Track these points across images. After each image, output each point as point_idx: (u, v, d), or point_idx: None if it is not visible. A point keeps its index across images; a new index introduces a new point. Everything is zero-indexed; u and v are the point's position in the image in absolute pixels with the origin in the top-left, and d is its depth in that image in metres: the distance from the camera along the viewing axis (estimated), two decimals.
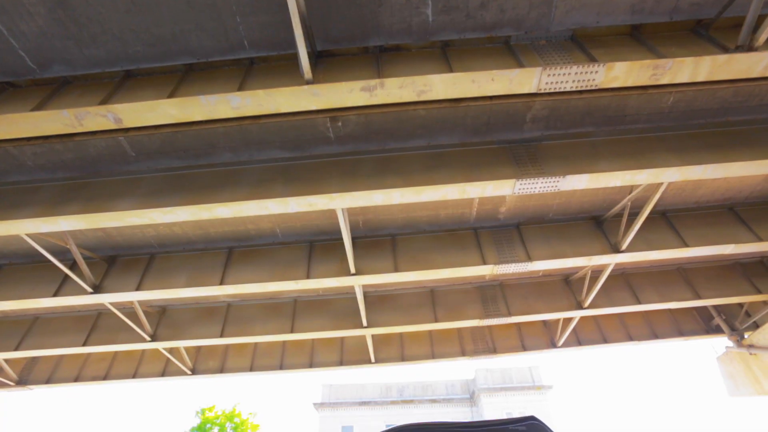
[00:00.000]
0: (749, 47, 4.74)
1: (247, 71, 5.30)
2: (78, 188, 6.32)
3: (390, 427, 3.74)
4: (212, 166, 6.48)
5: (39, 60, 5.22)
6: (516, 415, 26.03)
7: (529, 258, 7.96)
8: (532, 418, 3.70)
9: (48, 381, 12.17)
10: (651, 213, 7.65)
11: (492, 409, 26.53)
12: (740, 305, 11.08)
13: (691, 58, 4.74)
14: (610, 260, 7.97)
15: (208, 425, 51.95)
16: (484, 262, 8.02)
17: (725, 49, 4.88)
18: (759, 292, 9.44)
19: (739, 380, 11.24)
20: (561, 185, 5.97)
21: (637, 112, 6.25)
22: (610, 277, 9.34)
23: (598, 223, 8.29)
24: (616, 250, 7.82)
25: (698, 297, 9.59)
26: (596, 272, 9.14)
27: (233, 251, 8.67)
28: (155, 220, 6.04)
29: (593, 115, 6.27)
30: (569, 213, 8.33)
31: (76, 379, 12.10)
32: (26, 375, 12.39)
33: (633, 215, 7.59)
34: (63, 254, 7.91)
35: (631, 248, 7.79)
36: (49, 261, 7.62)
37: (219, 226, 8.16)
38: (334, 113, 5.83)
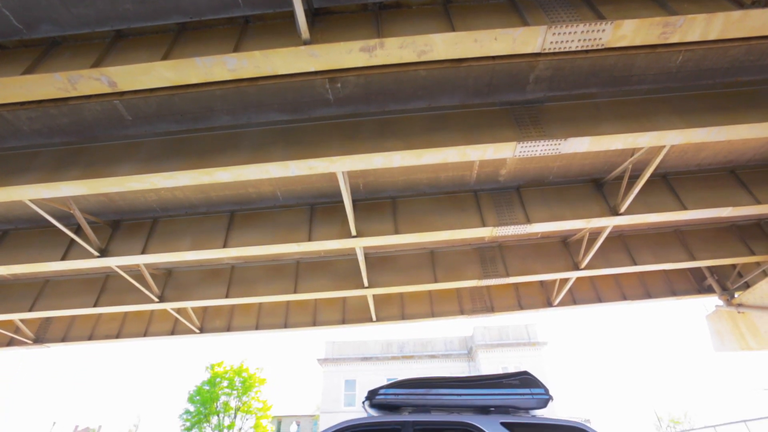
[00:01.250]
0: (766, 2, 4.54)
1: (242, 31, 5.12)
2: (76, 153, 6.29)
3: (391, 381, 3.96)
4: (211, 130, 6.40)
5: (25, 19, 5.03)
6: (511, 369, 27.22)
7: (529, 220, 8.03)
8: (525, 372, 3.91)
9: (63, 339, 12.69)
10: (651, 176, 7.59)
11: (488, 364, 27.71)
12: (733, 266, 11.29)
13: (703, 14, 4.55)
14: (608, 223, 8.05)
15: (218, 379, 54.65)
16: (484, 225, 8.11)
17: (740, 5, 4.67)
18: (753, 253, 9.59)
19: (726, 337, 11.67)
20: (562, 148, 5.92)
21: (644, 72, 6.08)
22: (607, 239, 9.44)
23: (598, 186, 8.30)
24: (615, 212, 7.87)
25: (693, 258, 9.76)
26: (594, 234, 9.24)
27: (235, 214, 8.75)
28: (156, 185, 6.06)
29: (598, 75, 6.11)
30: (570, 176, 8.31)
31: (90, 338, 12.61)
32: (42, 334, 12.89)
33: (633, 178, 7.56)
34: (67, 219, 7.98)
35: (629, 211, 7.83)
36: (54, 226, 7.69)
37: (220, 190, 8.19)
38: (333, 74, 5.69)
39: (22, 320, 12.18)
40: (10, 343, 12.78)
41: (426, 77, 6.02)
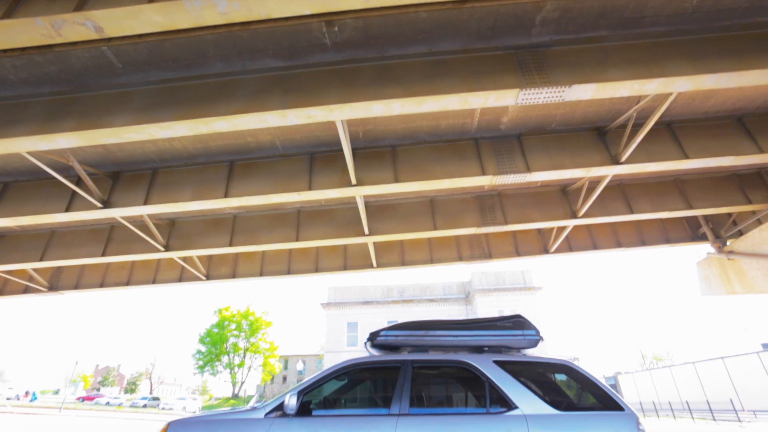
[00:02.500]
0: None
1: None
2: (69, 103, 6.14)
3: (391, 324, 4.19)
4: (205, 78, 6.20)
5: None
6: (507, 313, 28.46)
7: (528, 169, 8.02)
8: (518, 316, 4.14)
9: (76, 287, 13.16)
10: (656, 124, 7.48)
11: (485, 308, 28.92)
12: (729, 215, 11.41)
13: None
14: (608, 172, 8.03)
15: (226, 322, 57.21)
16: (484, 173, 8.10)
17: None
18: (750, 202, 9.66)
19: (714, 282, 12.09)
20: (566, 95, 5.77)
21: (657, 13, 5.77)
22: (606, 187, 9.48)
23: (600, 134, 8.18)
24: (616, 161, 7.84)
25: (690, 207, 9.85)
26: (593, 183, 9.26)
27: (234, 164, 8.72)
28: (153, 135, 5.99)
29: (608, 16, 5.81)
30: (572, 123, 8.17)
31: (101, 285, 13.07)
32: (55, 282, 13.34)
33: (637, 126, 7.44)
34: (66, 171, 7.98)
35: (630, 160, 7.80)
36: (55, 178, 7.70)
37: (218, 140, 8.09)
38: (329, 17, 5.42)
39: (34, 269, 12.57)
40: (26, 290, 13.28)
41: (427, 19, 5.73)
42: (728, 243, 11.36)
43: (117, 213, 8.49)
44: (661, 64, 5.64)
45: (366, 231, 10.03)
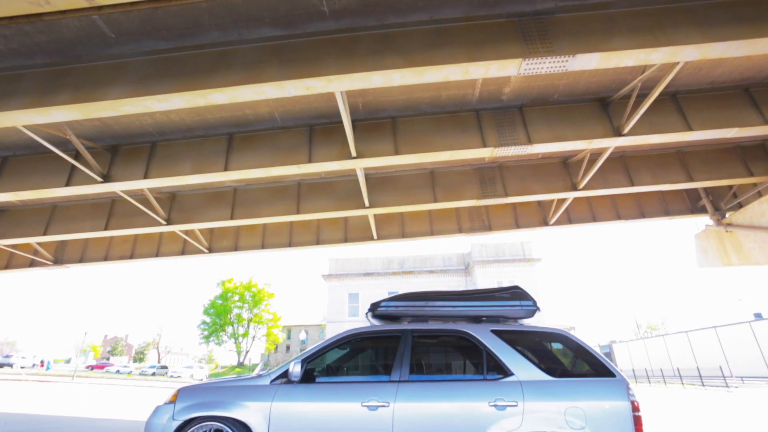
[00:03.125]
0: None
1: None
2: (62, 75, 6.02)
3: (392, 294, 4.29)
4: (200, 48, 6.05)
5: None
6: (506, 284, 28.89)
7: (530, 141, 7.95)
8: (516, 287, 4.22)
9: (81, 260, 13.33)
10: (660, 94, 7.32)
11: (484, 279, 29.34)
12: (729, 187, 11.38)
13: None
14: (610, 144, 7.97)
15: (229, 294, 58.21)
16: (485, 145, 8.04)
17: None
18: (751, 174, 9.61)
19: (710, 254, 12.21)
20: (570, 65, 5.65)
21: None
22: (607, 159, 9.41)
23: (603, 105, 8.06)
24: (618, 133, 7.75)
25: (691, 180, 9.81)
26: (595, 155, 9.19)
27: (233, 137, 8.64)
28: (150, 108, 5.91)
29: None
30: (575, 94, 8.03)
31: (106, 259, 13.23)
32: (60, 256, 13.50)
33: (641, 97, 7.30)
34: (64, 145, 7.90)
35: (633, 132, 7.71)
36: (53, 152, 7.65)
37: (216, 112, 7.99)
38: None
39: (38, 244, 12.68)
40: (32, 264, 13.45)
41: None
42: (727, 215, 11.40)
43: (117, 187, 8.48)
44: (668, 32, 5.49)
45: (366, 203, 10.06)
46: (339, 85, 5.83)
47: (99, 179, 8.17)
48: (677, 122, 7.83)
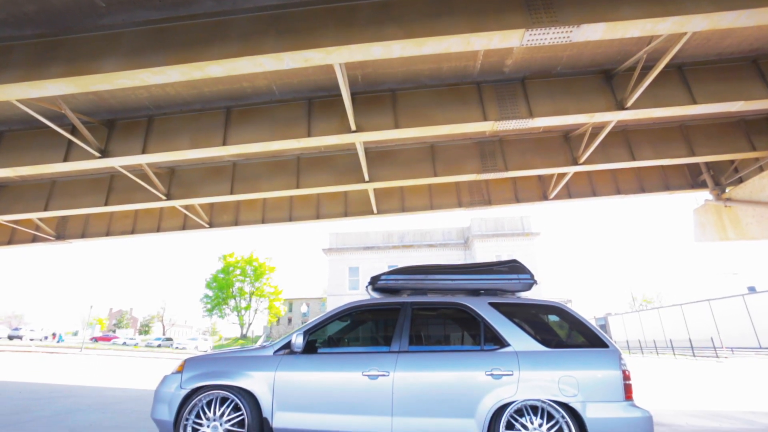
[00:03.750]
0: None
1: None
2: (54, 47, 5.88)
3: (392, 268, 4.35)
4: (194, 18, 5.88)
5: None
6: (504, 258, 29.16)
7: (531, 114, 7.86)
8: (514, 260, 4.28)
9: (83, 236, 13.41)
10: (666, 66, 7.17)
11: (483, 253, 29.60)
12: (731, 162, 11.32)
13: None
14: (612, 117, 7.87)
15: (231, 268, 58.85)
16: (485, 119, 7.95)
17: None
18: (754, 149, 9.53)
19: (708, 228, 12.28)
20: (574, 36, 5.50)
21: None
22: (609, 133, 9.31)
23: (607, 78, 7.91)
24: (621, 107, 7.65)
25: (693, 154, 9.74)
26: (597, 129, 9.10)
27: (231, 110, 8.53)
28: (146, 81, 5.80)
29: None
30: (579, 66, 7.87)
31: (107, 234, 13.31)
32: (62, 231, 13.58)
33: (646, 69, 7.15)
34: (60, 119, 7.80)
35: (636, 105, 7.60)
36: (49, 127, 7.56)
37: (213, 85, 7.85)
38: None
39: (40, 219, 12.73)
40: (35, 239, 13.55)
41: None
42: (727, 190, 11.39)
43: (116, 162, 8.44)
44: (677, 1, 5.32)
45: (366, 177, 10.03)
46: (338, 57, 5.71)
47: (97, 154, 8.12)
48: (681, 95, 7.71)
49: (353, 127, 7.87)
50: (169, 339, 49.67)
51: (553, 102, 7.86)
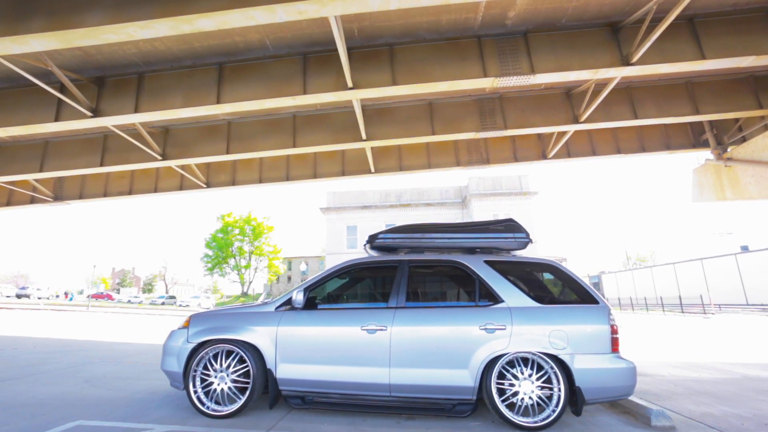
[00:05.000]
0: None
1: None
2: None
3: (390, 227, 4.40)
4: None
5: None
6: (502, 217, 29.36)
7: (533, 71, 7.63)
8: (510, 220, 4.32)
9: (80, 197, 13.39)
10: (676, 18, 6.86)
11: (480, 212, 29.77)
12: (735, 120, 11.13)
13: None
14: (617, 74, 7.65)
15: (230, 228, 59.27)
16: (485, 75, 7.73)
17: None
18: (761, 107, 9.33)
19: (706, 188, 12.31)
20: None
21: None
22: (612, 90, 9.08)
23: (614, 31, 7.60)
24: (627, 62, 7.41)
25: (697, 113, 9.56)
26: (600, 86, 8.87)
27: (224, 67, 8.25)
28: (133, 36, 5.57)
29: None
30: (585, 18, 7.54)
31: (105, 195, 13.29)
32: (59, 192, 13.53)
33: (656, 21, 6.85)
34: (47, 77, 7.53)
35: (643, 61, 7.36)
36: (37, 85, 7.32)
37: (204, 40, 7.54)
38: None
39: (36, 180, 12.65)
40: (33, 200, 13.53)
41: None
42: (729, 150, 11.29)
43: (108, 122, 8.27)
44: None
45: (363, 136, 9.90)
46: (333, 9, 5.45)
47: (88, 114, 7.94)
48: (690, 50, 7.45)
49: (350, 84, 7.66)
50: (173, 297, 50.96)
51: (556, 57, 7.61)
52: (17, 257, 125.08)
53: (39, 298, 40.01)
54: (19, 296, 40.02)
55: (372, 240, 4.31)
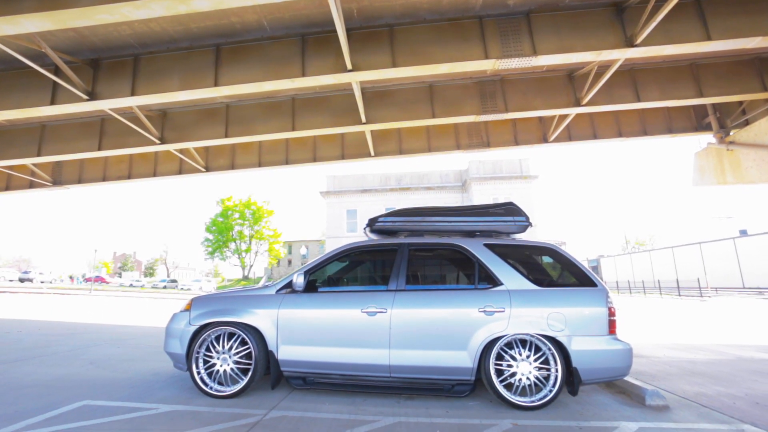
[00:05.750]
0: None
1: None
2: None
3: (389, 210, 4.40)
4: None
5: None
6: (502, 200, 29.35)
7: (535, 52, 7.51)
8: (510, 203, 4.32)
9: (79, 181, 13.34)
10: None
11: (481, 196, 29.74)
12: (739, 103, 11.01)
13: None
14: (620, 55, 7.53)
15: (230, 212, 59.27)
16: (487, 56, 7.62)
17: None
18: (765, 89, 9.19)
19: (707, 172, 12.26)
20: None
21: None
22: (615, 73, 8.95)
23: (618, 12, 7.45)
24: (631, 43, 7.29)
25: (701, 95, 9.44)
26: (603, 68, 8.74)
27: (221, 49, 8.12)
28: (128, 16, 5.46)
29: None
30: None
31: (103, 179, 13.24)
32: (58, 177, 13.49)
33: (662, 0, 6.72)
34: (41, 59, 7.42)
35: (647, 42, 7.23)
36: (31, 67, 7.20)
37: (200, 21, 7.40)
38: None
39: (34, 165, 12.59)
40: (31, 185, 13.50)
41: None
42: (731, 133, 11.20)
43: (105, 105, 8.18)
44: None
45: (363, 119, 9.82)
46: None
47: (84, 97, 7.84)
48: (696, 31, 7.32)
49: (349, 66, 7.55)
50: (174, 281, 51.32)
51: (558, 38, 7.48)
52: (19, 242, 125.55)
53: (42, 282, 40.31)
54: (21, 280, 40.29)
55: (372, 223, 4.32)
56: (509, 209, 4.20)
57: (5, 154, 10.81)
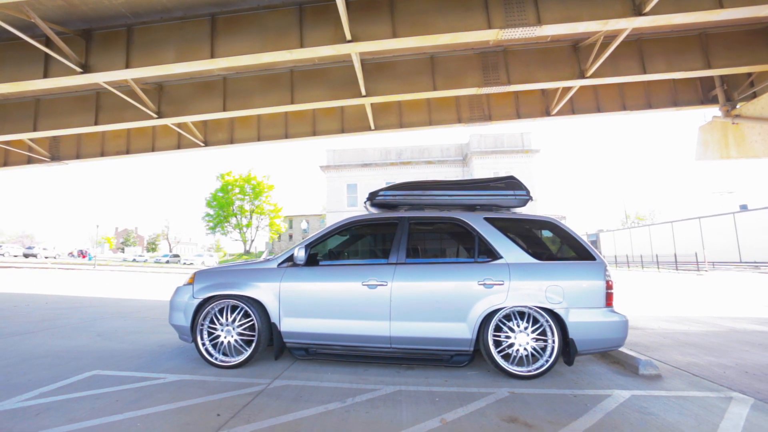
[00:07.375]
0: None
1: None
2: None
3: (390, 184, 4.38)
4: None
5: None
6: (502, 174, 29.20)
7: (539, 21, 7.29)
8: (510, 177, 4.30)
9: (77, 156, 13.25)
10: None
11: (481, 169, 29.59)
12: (747, 75, 10.75)
13: None
14: (628, 24, 7.32)
15: (230, 187, 59.14)
16: (489, 26, 7.40)
17: None
18: None
19: (711, 146, 12.12)
20: None
21: None
22: (622, 43, 8.71)
23: None
24: (639, 12, 7.06)
25: (709, 67, 9.22)
26: (609, 38, 8.50)
27: (217, 18, 7.89)
28: None
29: None
30: None
31: (102, 154, 13.15)
32: (55, 152, 13.38)
33: None
34: (31, 30, 7.21)
35: (656, 10, 7.01)
36: (21, 38, 7.01)
37: None
38: None
39: (31, 140, 12.47)
40: (30, 161, 13.41)
41: None
42: (738, 106, 11.00)
43: (99, 78, 8.02)
44: None
45: (363, 92, 9.65)
46: None
47: (78, 69, 7.68)
48: None
49: (348, 37, 7.36)
50: (177, 255, 51.79)
51: (564, 7, 7.25)
52: (22, 218, 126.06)
53: (46, 258, 40.72)
54: (26, 255, 40.71)
55: (372, 197, 4.32)
56: (510, 183, 4.18)
57: (0, 129, 10.69)
